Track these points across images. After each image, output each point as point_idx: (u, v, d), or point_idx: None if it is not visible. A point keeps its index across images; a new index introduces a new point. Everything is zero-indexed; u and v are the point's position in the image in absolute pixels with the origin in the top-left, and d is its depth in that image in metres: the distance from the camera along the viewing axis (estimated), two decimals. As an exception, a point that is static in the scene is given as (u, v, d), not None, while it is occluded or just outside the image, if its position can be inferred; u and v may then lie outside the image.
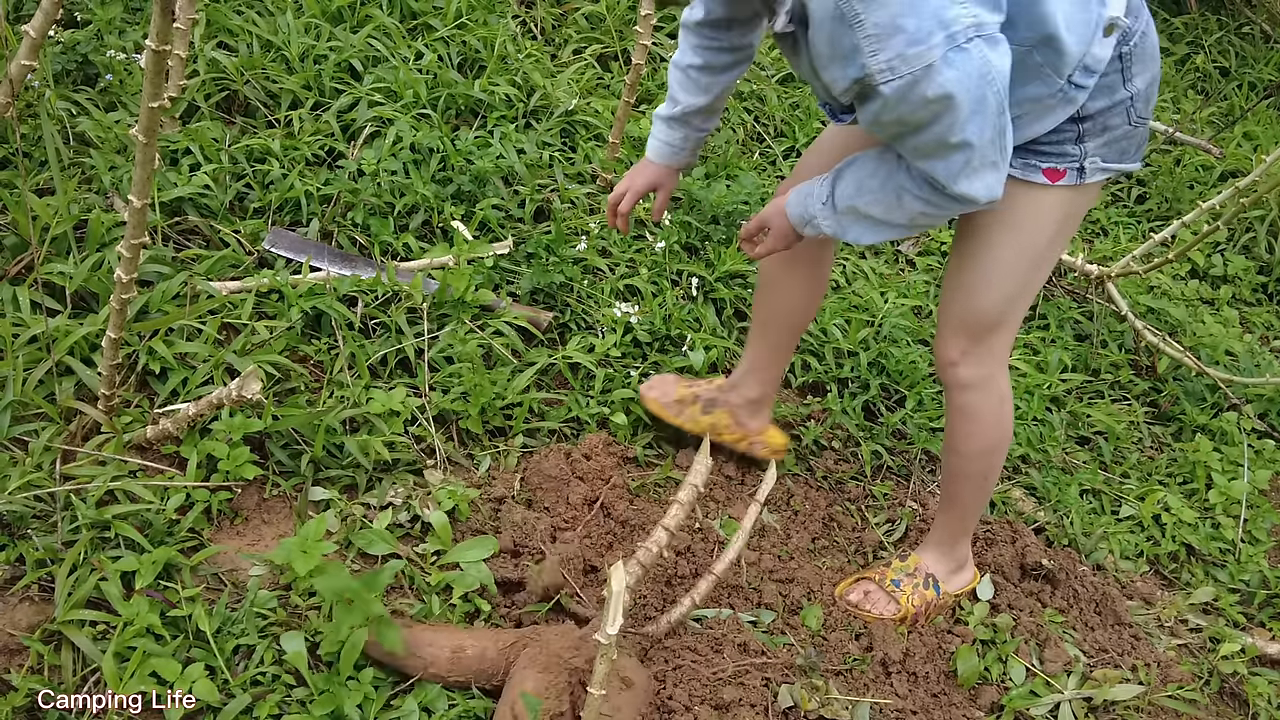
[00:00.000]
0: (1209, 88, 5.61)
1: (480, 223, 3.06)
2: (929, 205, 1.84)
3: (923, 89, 1.59)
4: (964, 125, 1.64)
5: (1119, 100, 1.88)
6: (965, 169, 1.72)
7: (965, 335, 2.18)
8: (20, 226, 2.46)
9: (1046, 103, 1.85)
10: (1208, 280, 4.34)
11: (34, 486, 2.05)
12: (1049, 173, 1.94)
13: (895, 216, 1.90)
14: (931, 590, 2.48)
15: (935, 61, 1.56)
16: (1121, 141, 1.93)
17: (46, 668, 1.84)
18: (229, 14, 3.33)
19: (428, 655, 1.97)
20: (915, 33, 1.54)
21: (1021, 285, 2.12)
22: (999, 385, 2.26)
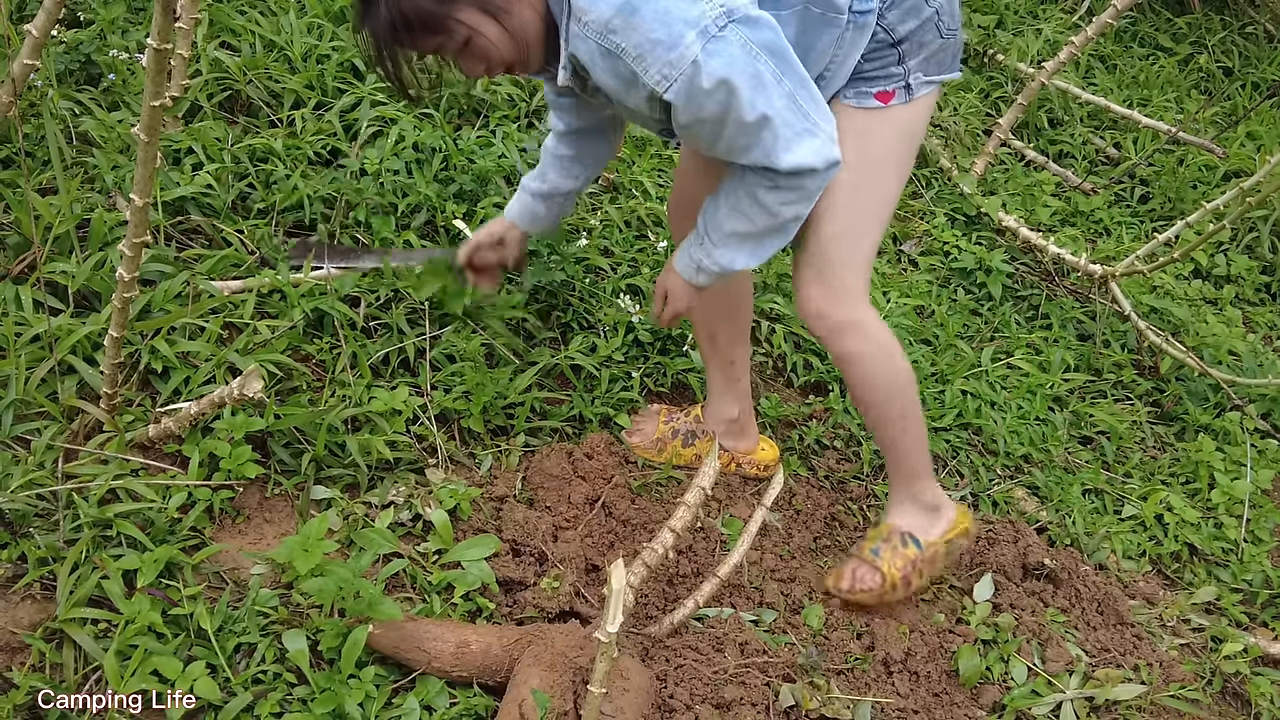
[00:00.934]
0: (1212, 87, 5.60)
1: (482, 222, 3.06)
2: (781, 191, 1.91)
3: (699, 83, 1.72)
4: (752, 103, 1.75)
5: (926, 17, 1.98)
6: (777, 142, 1.82)
7: (819, 277, 2.17)
8: (23, 225, 2.46)
9: (844, 39, 1.95)
10: (1211, 280, 4.33)
11: (36, 485, 2.06)
12: (879, 95, 2.04)
13: (764, 220, 1.97)
14: (912, 547, 2.44)
15: (697, 57, 1.69)
16: (939, 54, 2.05)
17: (48, 666, 1.85)
18: (232, 14, 3.33)
19: (432, 649, 1.97)
20: (669, 40, 1.68)
21: (873, 215, 2.16)
22: (870, 324, 2.24)
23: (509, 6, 1.79)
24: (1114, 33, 5.59)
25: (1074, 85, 4.89)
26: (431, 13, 1.75)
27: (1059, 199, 4.41)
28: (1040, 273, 3.97)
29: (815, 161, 1.84)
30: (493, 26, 1.79)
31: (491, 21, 1.79)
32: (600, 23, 1.71)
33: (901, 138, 2.11)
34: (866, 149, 2.07)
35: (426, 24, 1.76)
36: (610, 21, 1.69)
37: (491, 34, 1.80)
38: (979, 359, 3.39)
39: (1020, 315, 3.77)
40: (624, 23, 1.69)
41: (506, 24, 1.80)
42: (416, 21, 1.75)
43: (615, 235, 3.21)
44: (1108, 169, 4.79)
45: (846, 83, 2.03)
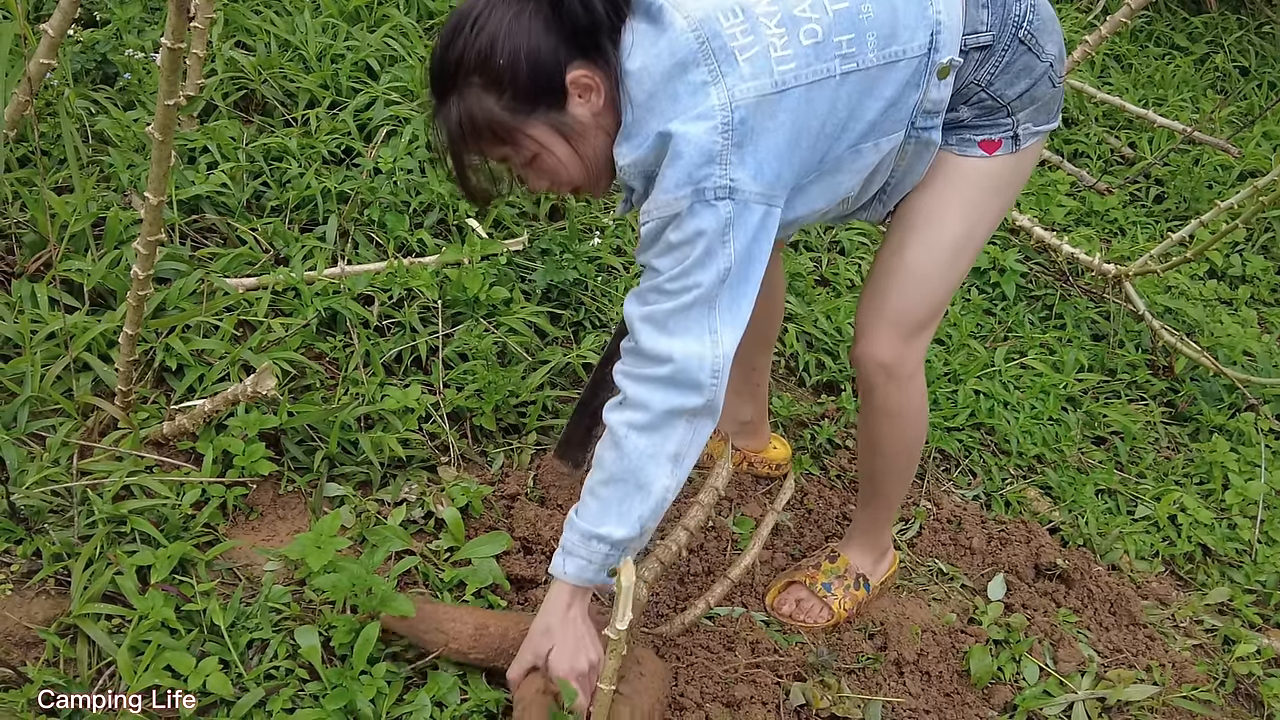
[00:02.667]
0: (1228, 87, 5.58)
1: (495, 220, 3.07)
2: (627, 409, 1.80)
3: (668, 234, 1.70)
4: (690, 272, 1.70)
5: (1040, 74, 1.89)
6: (668, 317, 1.74)
7: (901, 329, 2.06)
8: (39, 224, 2.48)
9: (906, 151, 1.89)
10: (1226, 280, 4.32)
11: (51, 481, 2.07)
12: (985, 145, 1.94)
13: (610, 454, 1.82)
14: (862, 590, 2.44)
15: (681, 211, 1.67)
16: (1048, 105, 1.96)
17: (62, 660, 1.86)
18: (247, 13, 3.35)
19: (450, 630, 1.97)
20: (668, 182, 1.67)
21: (964, 267, 2.06)
22: (921, 378, 2.17)
23: (583, 131, 1.74)
24: (1129, 32, 5.58)
25: (1089, 85, 4.87)
26: (503, 123, 1.71)
27: (1073, 199, 4.40)
28: (1054, 272, 3.96)
29: (677, 355, 1.73)
30: (564, 147, 1.75)
31: (563, 142, 1.74)
32: (637, 164, 1.72)
33: (1000, 191, 2.00)
34: (968, 198, 1.98)
35: (495, 133, 1.72)
36: (645, 159, 1.70)
37: (561, 154, 1.75)
38: (992, 359, 3.39)
39: (1034, 315, 3.76)
40: (654, 156, 1.69)
41: (578, 147, 1.75)
42: (485, 129, 1.72)
43: (628, 234, 3.22)
44: (1123, 168, 4.77)
45: (950, 130, 1.92)
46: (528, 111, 1.70)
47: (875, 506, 2.40)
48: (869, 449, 2.29)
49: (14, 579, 1.92)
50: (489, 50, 1.66)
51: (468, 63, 1.68)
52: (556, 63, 1.68)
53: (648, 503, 1.81)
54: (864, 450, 2.32)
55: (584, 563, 1.85)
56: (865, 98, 1.75)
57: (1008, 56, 1.85)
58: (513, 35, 1.65)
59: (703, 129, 1.64)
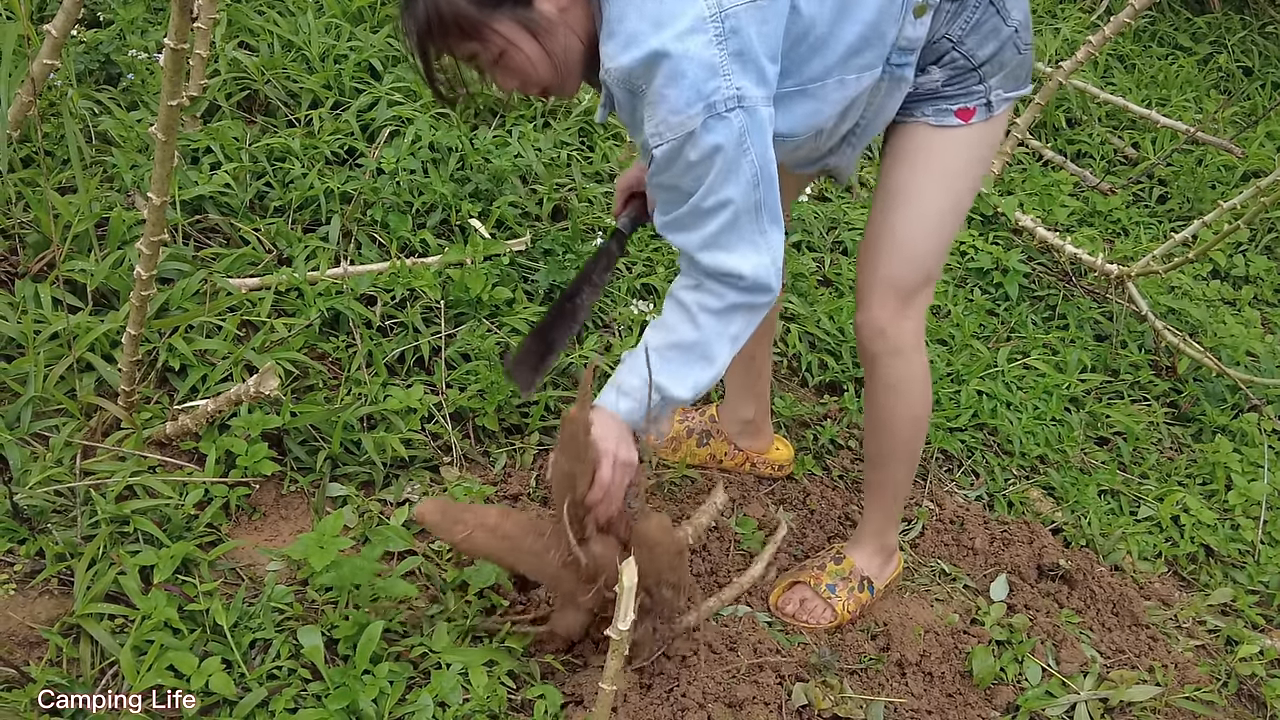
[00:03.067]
0: (1231, 87, 5.58)
1: (498, 220, 3.07)
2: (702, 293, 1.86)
3: (686, 153, 1.70)
4: (720, 187, 1.74)
5: (1006, 37, 1.95)
6: (720, 236, 1.79)
7: (895, 297, 2.13)
8: (42, 224, 2.48)
9: (880, 90, 1.93)
10: (1229, 280, 4.31)
11: (54, 481, 2.08)
12: (961, 113, 2.00)
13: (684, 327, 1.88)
14: (865, 592, 2.44)
15: (695, 129, 1.67)
16: (1016, 71, 2.01)
17: (65, 660, 1.86)
18: (250, 14, 3.35)
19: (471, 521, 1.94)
20: (675, 101, 1.66)
21: (949, 233, 2.13)
22: (923, 351, 2.22)
23: (551, 28, 1.73)
24: (1133, 32, 5.58)
25: (1092, 85, 4.87)
26: (469, 18, 1.69)
27: (1077, 199, 4.39)
28: (1057, 273, 3.96)
29: (746, 271, 1.80)
30: (531, 44, 1.74)
31: (530, 39, 1.73)
32: (623, 71, 1.69)
33: (979, 157, 2.08)
34: (948, 166, 2.05)
35: (462, 28, 1.71)
36: (632, 70, 1.68)
37: (529, 51, 1.74)
38: (995, 359, 3.38)
39: (1037, 315, 3.76)
40: (644, 72, 1.67)
41: (546, 44, 1.74)
42: (452, 24, 1.70)
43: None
44: (1126, 169, 4.77)
45: (925, 100, 1.99)
46: (494, 5, 1.69)
47: (883, 498, 2.41)
48: (875, 428, 2.32)
49: (17, 579, 1.93)
50: None
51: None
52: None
53: (708, 373, 1.90)
54: (870, 431, 2.35)
55: (637, 406, 1.91)
56: (844, 16, 1.79)
57: (977, 15, 1.91)
58: None
59: (699, 43, 1.64)
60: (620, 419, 1.92)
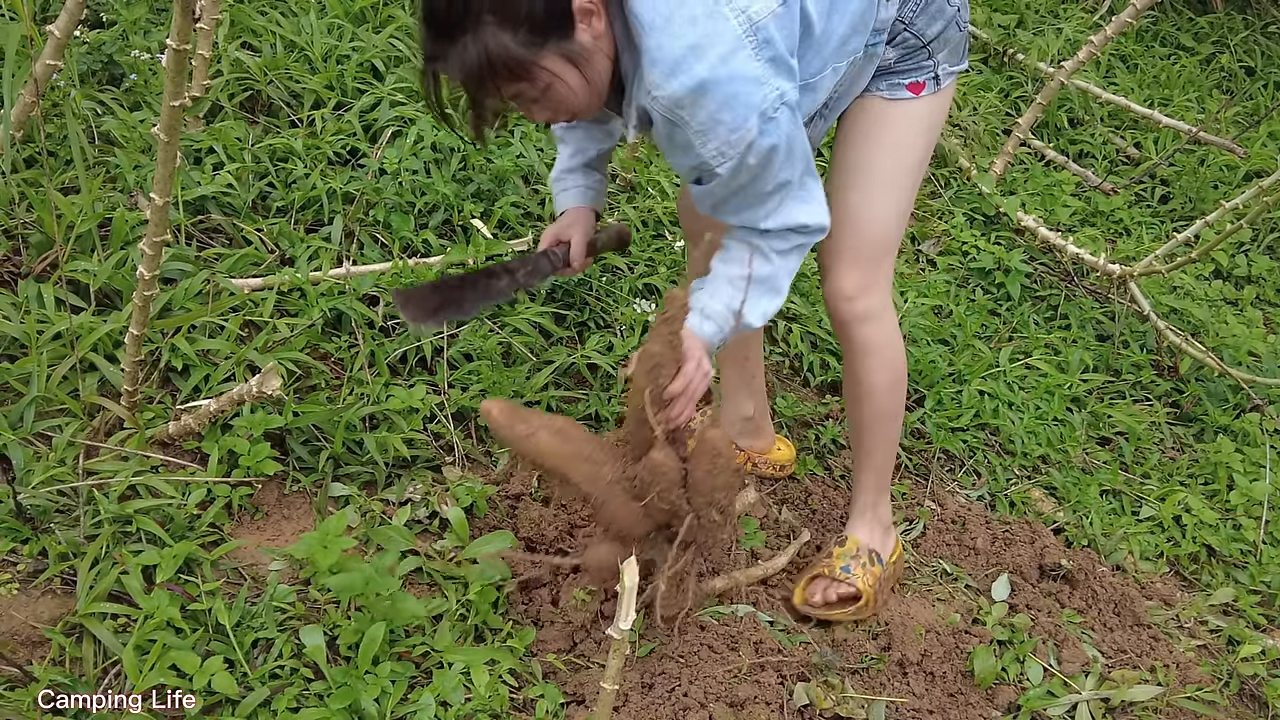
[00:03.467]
0: (1234, 87, 5.57)
1: (500, 221, 3.07)
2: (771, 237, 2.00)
3: (746, 160, 1.82)
4: (779, 173, 1.88)
5: (949, 17, 2.10)
6: (781, 206, 1.94)
7: (860, 265, 2.24)
8: (45, 224, 2.48)
9: (855, 66, 2.04)
10: (1231, 280, 4.31)
11: (57, 481, 2.08)
12: (911, 87, 2.14)
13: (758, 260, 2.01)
14: (877, 565, 2.47)
15: (754, 138, 1.78)
16: (957, 47, 2.16)
17: (68, 660, 1.87)
18: (253, 14, 3.35)
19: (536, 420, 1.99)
20: (732, 122, 1.76)
21: (906, 201, 2.24)
22: (891, 315, 2.33)
23: (590, 56, 1.77)
24: (1135, 32, 5.57)
25: (1094, 85, 4.87)
26: (519, 59, 1.70)
27: (1079, 199, 4.39)
28: (1059, 273, 3.96)
29: (809, 220, 1.96)
30: (574, 75, 1.77)
31: (574, 70, 1.76)
32: (672, 100, 1.75)
33: (929, 127, 2.20)
34: (900, 138, 2.18)
35: (513, 70, 1.72)
36: (681, 100, 1.74)
37: (573, 82, 1.77)
38: (997, 359, 3.39)
39: (1039, 315, 3.76)
40: (693, 102, 1.74)
41: (586, 73, 1.78)
42: (503, 67, 1.71)
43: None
44: (1128, 169, 4.77)
45: (879, 76, 2.13)
46: (541, 44, 1.71)
47: (869, 468, 2.46)
48: (856, 395, 2.39)
49: (20, 578, 1.93)
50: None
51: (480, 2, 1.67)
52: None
53: (776, 301, 2.05)
54: (852, 400, 2.42)
55: (718, 329, 2.02)
56: (834, 11, 1.90)
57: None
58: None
59: (742, 61, 1.73)
60: (703, 340, 2.03)
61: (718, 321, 2.02)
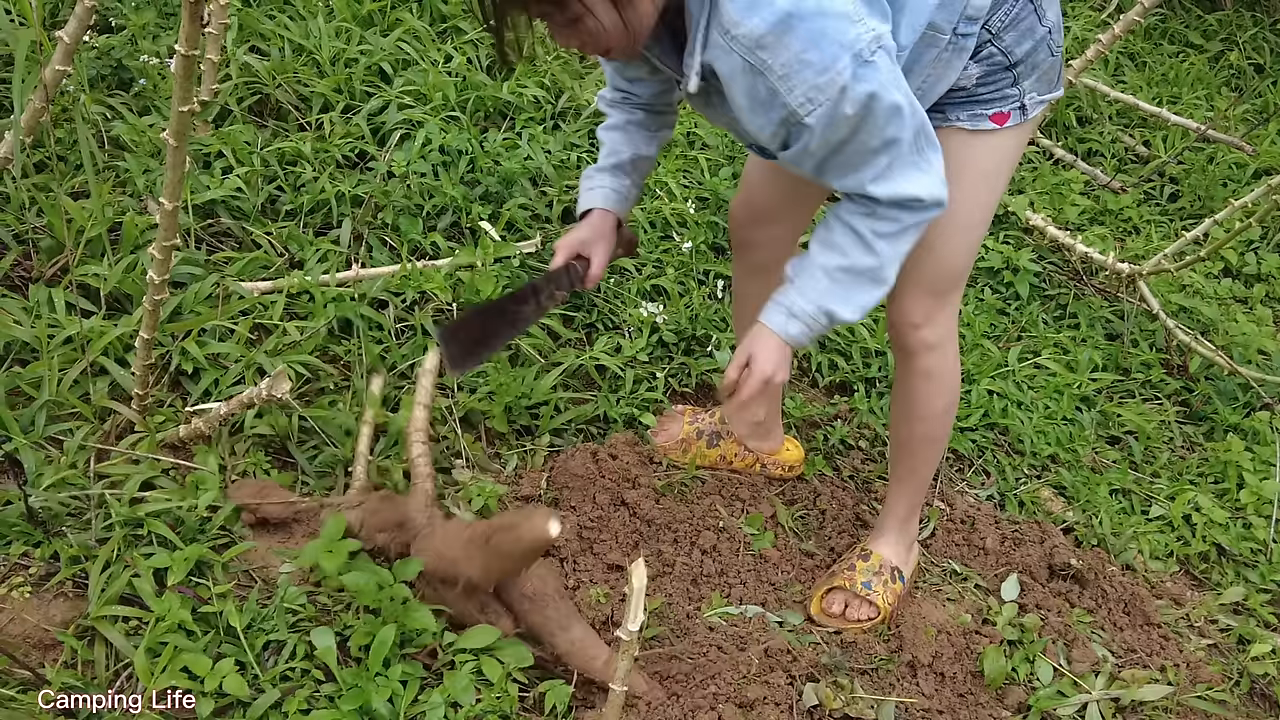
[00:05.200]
0: (1243, 84, 5.56)
1: (508, 223, 3.08)
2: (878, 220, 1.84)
3: (843, 108, 1.66)
4: (884, 128, 1.71)
5: (1040, 37, 1.94)
6: (891, 168, 1.77)
7: (930, 296, 2.17)
8: (55, 229, 2.49)
9: (941, 60, 1.89)
10: (1241, 279, 4.30)
11: (69, 484, 2.09)
12: (995, 117, 1.99)
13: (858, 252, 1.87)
14: (898, 583, 2.47)
15: (847, 82, 1.63)
16: (1049, 73, 2.00)
17: (80, 662, 1.87)
18: (261, 18, 3.37)
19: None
20: (821, 62, 1.61)
21: (981, 233, 2.15)
22: (954, 343, 2.28)
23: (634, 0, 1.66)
24: (1143, 30, 5.56)
25: (1103, 83, 4.86)
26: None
27: (1087, 197, 4.38)
28: (1068, 271, 3.96)
29: (923, 194, 1.80)
30: (611, 14, 1.65)
31: (611, 9, 1.65)
32: (752, 38, 1.61)
33: (1009, 160, 2.08)
34: (982, 173, 2.05)
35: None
36: (763, 38, 1.61)
37: (606, 21, 1.66)
38: (1006, 358, 3.38)
39: (1048, 314, 3.75)
40: (776, 40, 1.60)
41: (625, 14, 1.66)
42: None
43: (640, 236, 3.22)
44: (1137, 167, 4.76)
45: (960, 105, 1.98)
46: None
47: (908, 486, 2.44)
48: (906, 416, 2.36)
49: (32, 581, 1.94)
50: None
51: None
52: None
53: (876, 293, 1.91)
54: (900, 419, 2.39)
55: (806, 329, 1.92)
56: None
57: (1017, 9, 1.89)
58: None
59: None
60: (785, 341, 1.95)
61: (805, 322, 1.92)
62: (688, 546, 2.50)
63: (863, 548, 2.51)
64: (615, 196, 2.20)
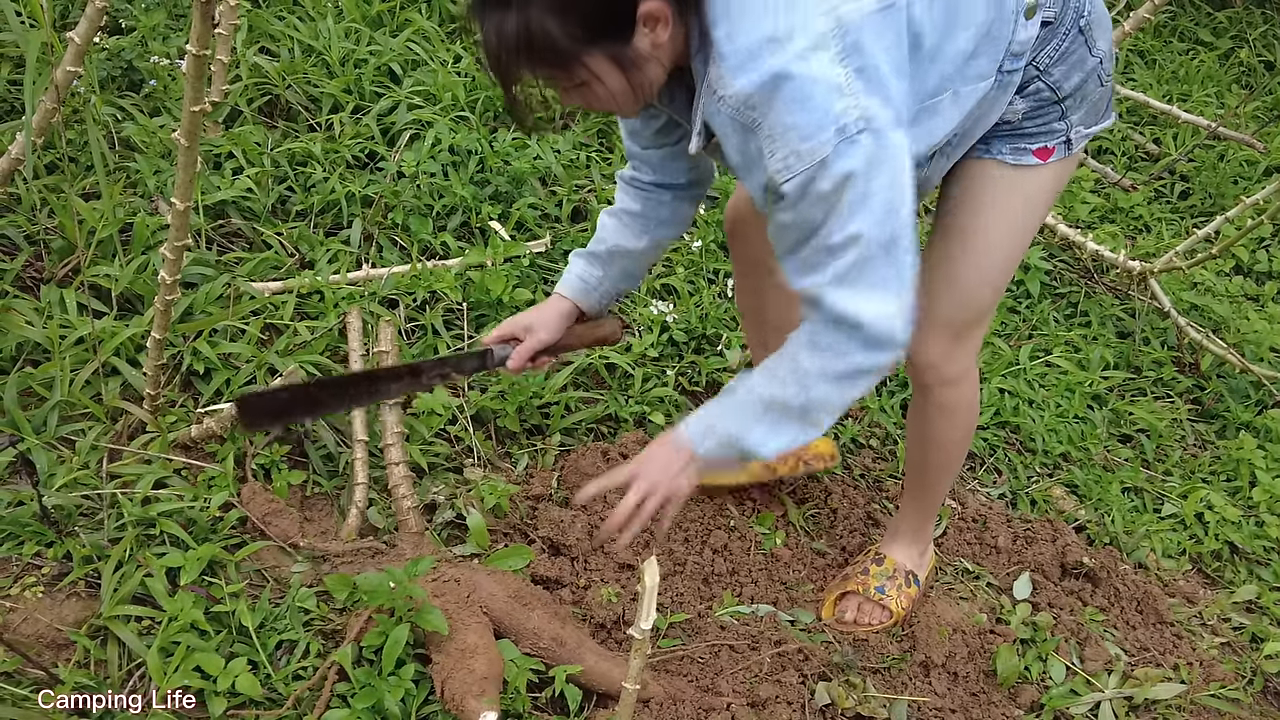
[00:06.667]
0: (1253, 82, 5.54)
1: (517, 223, 3.08)
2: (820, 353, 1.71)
3: (818, 183, 1.57)
4: (850, 220, 1.59)
5: (1091, 69, 1.86)
6: (848, 274, 1.63)
7: (950, 334, 2.08)
8: (67, 230, 2.50)
9: (988, 97, 1.81)
10: (1252, 276, 4.29)
11: (81, 484, 2.09)
12: (1039, 153, 1.91)
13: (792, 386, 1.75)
14: (913, 587, 2.45)
15: (827, 156, 1.54)
16: (1098, 104, 1.93)
17: (93, 662, 1.88)
18: (271, 19, 3.37)
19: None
20: (805, 127, 1.53)
21: (1010, 272, 2.06)
22: (974, 373, 2.20)
23: (641, 64, 1.61)
24: (1153, 28, 5.55)
25: (1112, 81, 4.84)
26: (561, 50, 1.56)
27: (1098, 195, 4.37)
28: (1079, 270, 3.95)
29: (867, 317, 1.64)
30: (618, 79, 1.61)
31: (619, 74, 1.61)
32: (740, 98, 1.56)
33: (1048, 194, 1.99)
34: (1021, 209, 1.97)
35: (549, 58, 1.57)
36: (751, 97, 1.55)
37: (613, 86, 1.62)
38: (1017, 357, 3.37)
39: (1059, 313, 3.74)
40: (765, 99, 1.54)
41: (632, 79, 1.62)
42: (541, 49, 1.56)
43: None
44: (1147, 165, 4.75)
45: (1004, 138, 1.90)
46: (589, 40, 1.56)
47: (922, 501, 2.42)
48: (921, 442, 2.31)
49: (45, 581, 1.94)
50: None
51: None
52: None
53: (805, 436, 1.79)
54: (915, 444, 2.34)
55: (719, 451, 1.82)
56: (954, 22, 1.68)
57: (1066, 42, 1.82)
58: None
59: (823, 61, 1.51)
60: (694, 456, 1.84)
61: (722, 444, 1.82)
62: (699, 545, 2.49)
63: (876, 551, 2.50)
64: (580, 285, 2.13)
